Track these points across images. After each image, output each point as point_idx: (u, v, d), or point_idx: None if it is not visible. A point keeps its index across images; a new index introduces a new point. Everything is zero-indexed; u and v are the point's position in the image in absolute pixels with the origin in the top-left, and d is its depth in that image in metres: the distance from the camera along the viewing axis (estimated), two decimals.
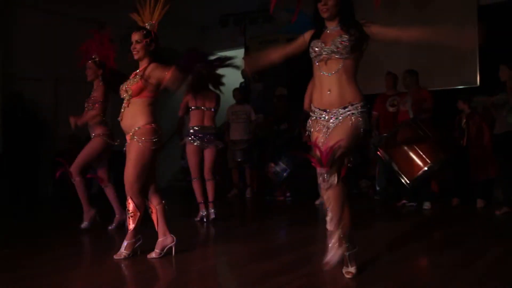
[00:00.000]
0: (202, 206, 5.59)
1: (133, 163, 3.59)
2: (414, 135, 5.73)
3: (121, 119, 3.71)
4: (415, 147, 5.64)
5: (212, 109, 5.61)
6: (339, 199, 2.89)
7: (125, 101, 3.71)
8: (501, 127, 5.63)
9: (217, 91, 5.61)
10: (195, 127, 5.52)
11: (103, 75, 5.13)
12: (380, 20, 4.36)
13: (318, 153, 2.85)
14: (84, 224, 5.14)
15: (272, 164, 7.18)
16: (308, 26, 3.20)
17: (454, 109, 6.53)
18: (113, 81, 4.93)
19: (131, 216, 3.65)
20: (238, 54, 9.85)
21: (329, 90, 2.94)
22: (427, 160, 5.53)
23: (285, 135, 7.68)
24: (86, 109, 5.18)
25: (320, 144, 2.90)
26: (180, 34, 8.37)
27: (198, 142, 5.49)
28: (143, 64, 3.73)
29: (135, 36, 3.67)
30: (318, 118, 3.02)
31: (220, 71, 4.70)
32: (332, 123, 2.94)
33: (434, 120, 6.20)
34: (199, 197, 5.58)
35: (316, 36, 3.01)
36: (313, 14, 3.00)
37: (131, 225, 3.67)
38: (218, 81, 5.39)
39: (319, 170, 2.85)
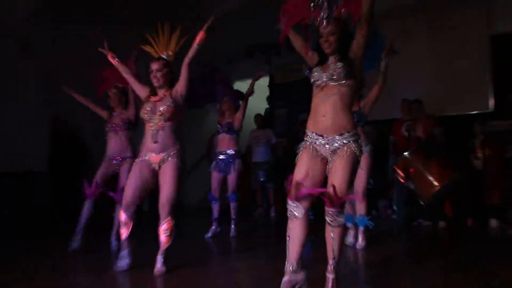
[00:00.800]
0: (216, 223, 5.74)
1: (174, 182, 3.71)
2: (428, 157, 5.78)
3: (155, 141, 3.73)
4: (430, 167, 5.69)
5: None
6: (342, 237, 2.94)
7: (154, 125, 3.73)
8: None
9: None
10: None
11: (127, 101, 5.08)
12: (396, 49, 4.48)
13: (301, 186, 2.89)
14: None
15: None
16: None
17: (469, 134, 6.52)
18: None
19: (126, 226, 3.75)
20: (264, 82, 10.12)
21: (324, 116, 2.93)
22: (442, 179, 5.58)
23: None
24: (109, 131, 5.07)
25: (309, 177, 2.93)
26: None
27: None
28: (163, 91, 3.81)
29: (155, 65, 3.75)
30: (313, 143, 2.98)
31: None
32: (328, 148, 2.92)
33: (449, 143, 6.24)
34: (215, 214, 5.73)
35: (318, 64, 3.04)
36: (316, 48, 3.05)
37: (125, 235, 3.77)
38: None
39: (329, 209, 2.86)
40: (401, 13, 7.63)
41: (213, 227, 5.71)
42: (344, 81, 2.89)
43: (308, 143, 3.00)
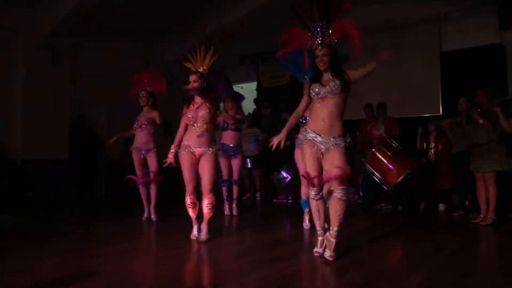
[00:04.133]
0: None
1: (213, 169, 3.94)
2: (390, 151, 5.83)
3: (200, 137, 3.93)
4: (393, 160, 5.74)
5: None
6: (345, 210, 3.21)
7: (201, 127, 3.92)
8: (456, 148, 5.70)
9: None
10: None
11: (153, 102, 5.26)
12: (363, 61, 4.49)
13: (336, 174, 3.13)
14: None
15: (276, 173, 7.27)
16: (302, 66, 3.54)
17: (422, 132, 6.55)
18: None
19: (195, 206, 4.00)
20: (252, 86, 10.10)
21: (323, 120, 3.22)
22: (403, 170, 5.64)
23: (288, 150, 7.74)
24: (137, 127, 5.20)
25: (314, 169, 3.24)
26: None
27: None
28: (199, 98, 3.95)
29: (193, 77, 3.90)
30: (313, 138, 3.24)
31: None
32: (324, 146, 3.21)
33: (405, 140, 6.28)
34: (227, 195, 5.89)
35: (315, 81, 3.28)
36: (312, 67, 3.29)
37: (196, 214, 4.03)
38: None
39: (312, 189, 3.27)
40: (368, 30, 7.65)
41: (227, 206, 5.86)
42: (340, 95, 3.19)
43: (308, 138, 3.27)
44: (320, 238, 3.38)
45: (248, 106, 9.52)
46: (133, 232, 4.71)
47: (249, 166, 8.05)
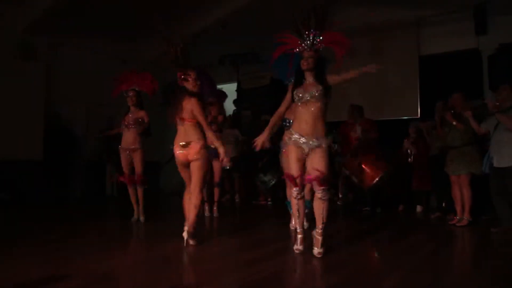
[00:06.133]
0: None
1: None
2: (367, 153, 5.90)
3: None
4: (370, 163, 5.80)
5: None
6: (327, 208, 3.40)
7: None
8: (434, 150, 5.80)
9: None
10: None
11: (140, 102, 5.22)
12: (344, 65, 4.56)
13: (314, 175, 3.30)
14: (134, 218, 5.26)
15: (261, 175, 7.27)
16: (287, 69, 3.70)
17: (400, 134, 6.68)
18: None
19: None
20: (232, 87, 10.08)
21: (306, 123, 3.40)
22: (379, 172, 5.71)
23: (270, 152, 7.76)
24: (124, 126, 5.18)
25: (297, 169, 3.39)
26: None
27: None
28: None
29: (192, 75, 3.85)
30: (297, 140, 3.40)
31: None
32: (307, 146, 3.37)
33: (383, 142, 6.36)
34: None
35: (297, 85, 3.48)
36: (296, 68, 3.50)
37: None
38: None
39: (294, 188, 3.45)
40: (349, 35, 7.74)
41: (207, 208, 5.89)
42: (322, 100, 3.39)
43: (293, 140, 3.43)
44: (299, 236, 3.52)
45: (228, 107, 9.51)
46: (108, 234, 4.65)
47: (227, 167, 8.00)
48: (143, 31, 8.31)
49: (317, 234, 3.40)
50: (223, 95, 6.01)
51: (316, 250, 3.37)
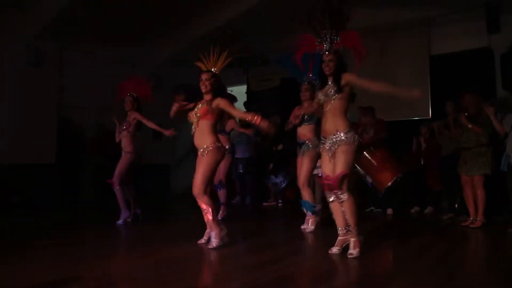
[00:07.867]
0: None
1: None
2: (381, 154, 5.86)
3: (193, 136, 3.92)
4: (383, 163, 5.77)
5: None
6: (353, 206, 3.44)
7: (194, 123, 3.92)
8: (445, 151, 5.76)
9: None
10: None
11: (138, 107, 5.41)
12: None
13: (326, 179, 3.45)
14: (120, 222, 5.28)
15: (272, 177, 7.29)
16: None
17: (411, 135, 6.65)
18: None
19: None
20: (242, 89, 10.10)
21: (326, 123, 3.51)
22: (393, 174, 5.68)
23: (281, 153, 7.78)
24: (120, 130, 5.38)
25: (327, 172, 3.47)
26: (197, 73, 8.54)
27: None
28: (208, 96, 3.93)
29: (205, 76, 3.93)
30: (324, 145, 3.52)
31: None
32: (329, 146, 3.46)
33: (393, 143, 6.32)
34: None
35: (321, 88, 3.60)
36: (318, 72, 3.63)
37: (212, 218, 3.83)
38: None
39: (330, 192, 3.47)
40: (359, 34, 7.73)
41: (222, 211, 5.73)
42: (337, 98, 3.43)
43: (321, 146, 3.58)
44: (338, 238, 3.59)
45: (239, 108, 9.54)
46: (119, 236, 4.69)
47: (241, 171, 7.99)
48: (151, 36, 8.39)
49: (352, 236, 3.48)
50: (232, 99, 6.03)
51: (349, 251, 3.43)
